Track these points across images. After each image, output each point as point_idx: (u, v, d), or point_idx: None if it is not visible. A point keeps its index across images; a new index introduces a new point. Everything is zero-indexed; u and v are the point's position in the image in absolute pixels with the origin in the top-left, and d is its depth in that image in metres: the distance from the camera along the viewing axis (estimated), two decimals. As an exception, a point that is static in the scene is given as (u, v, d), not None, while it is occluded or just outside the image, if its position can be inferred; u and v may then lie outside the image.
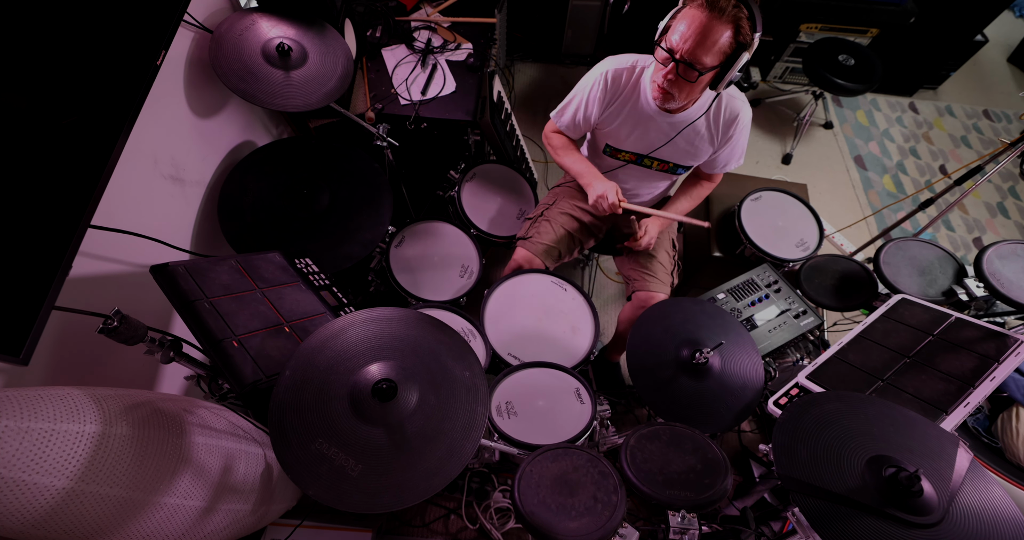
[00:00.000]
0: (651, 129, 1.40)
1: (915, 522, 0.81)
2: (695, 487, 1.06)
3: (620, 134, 1.44)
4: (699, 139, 1.41)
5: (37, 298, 0.84)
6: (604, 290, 2.35)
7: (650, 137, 1.42)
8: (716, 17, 1.09)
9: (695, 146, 1.42)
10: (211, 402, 1.13)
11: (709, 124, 1.38)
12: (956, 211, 2.84)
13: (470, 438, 0.88)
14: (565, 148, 1.54)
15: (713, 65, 1.15)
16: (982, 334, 1.23)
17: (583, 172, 1.48)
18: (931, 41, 2.96)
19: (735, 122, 1.37)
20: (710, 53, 1.13)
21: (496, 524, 1.42)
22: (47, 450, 0.73)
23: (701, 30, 1.11)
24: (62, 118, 0.90)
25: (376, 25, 1.92)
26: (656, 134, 1.40)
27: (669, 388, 1.26)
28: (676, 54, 1.15)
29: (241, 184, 1.53)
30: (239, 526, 1.09)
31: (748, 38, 1.13)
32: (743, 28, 1.11)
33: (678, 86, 1.22)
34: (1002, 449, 1.46)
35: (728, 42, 1.13)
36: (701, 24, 1.10)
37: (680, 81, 1.20)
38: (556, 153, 1.55)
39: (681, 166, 1.49)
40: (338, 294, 1.31)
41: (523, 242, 1.65)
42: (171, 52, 1.29)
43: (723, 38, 1.12)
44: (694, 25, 1.11)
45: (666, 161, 1.48)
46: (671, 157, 1.46)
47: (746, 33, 1.12)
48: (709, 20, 1.10)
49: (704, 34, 1.11)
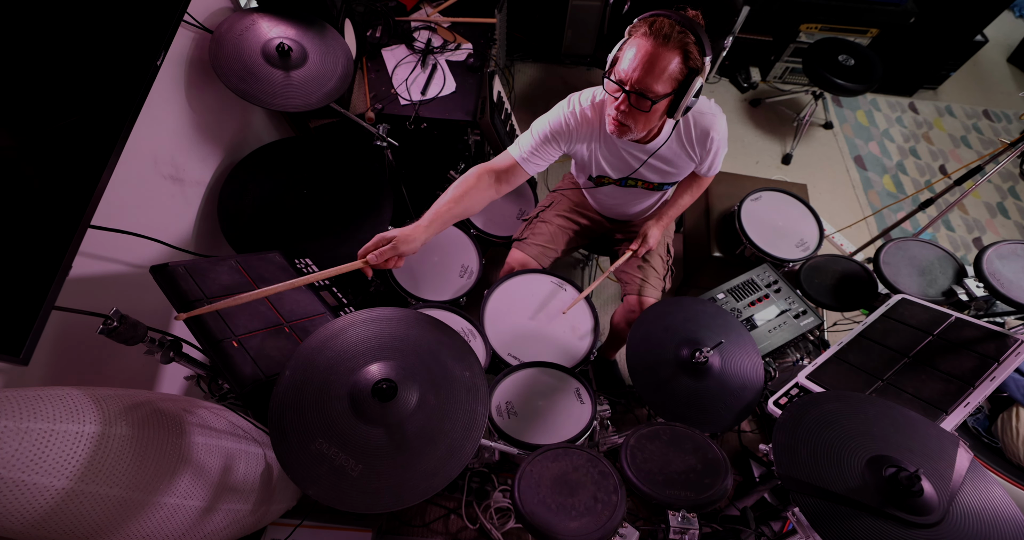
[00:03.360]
0: (625, 157, 1.39)
1: (915, 522, 0.81)
2: (695, 487, 1.06)
3: (597, 164, 1.44)
4: (677, 158, 1.39)
5: (37, 298, 0.84)
6: (604, 290, 2.35)
7: (626, 163, 1.41)
8: (662, 44, 1.07)
9: (675, 165, 1.41)
10: (211, 402, 1.13)
11: (683, 144, 1.36)
12: (956, 211, 2.84)
13: (470, 438, 0.88)
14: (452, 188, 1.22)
15: (665, 93, 1.12)
16: (982, 334, 1.23)
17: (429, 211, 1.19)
18: (931, 41, 2.96)
19: (708, 138, 1.34)
20: (660, 81, 1.10)
21: (496, 524, 1.42)
22: (47, 450, 0.73)
23: (648, 59, 1.08)
24: (62, 118, 0.90)
25: (376, 25, 1.92)
26: (632, 160, 1.40)
27: (669, 388, 1.26)
28: (626, 85, 1.13)
29: (241, 184, 1.53)
30: (239, 526, 1.09)
31: (698, 63, 1.10)
32: (691, 53, 1.09)
33: (632, 117, 1.18)
34: (1002, 449, 1.46)
35: (678, 68, 1.10)
36: (647, 52, 1.08)
37: (634, 111, 1.16)
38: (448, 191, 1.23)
39: (667, 184, 1.49)
40: (338, 294, 1.32)
41: (518, 243, 1.66)
42: (171, 52, 1.29)
43: (672, 65, 1.09)
44: (640, 54, 1.09)
45: (649, 181, 1.48)
46: (653, 178, 1.46)
47: (695, 58, 1.10)
48: (655, 48, 1.07)
49: (651, 62, 1.08)
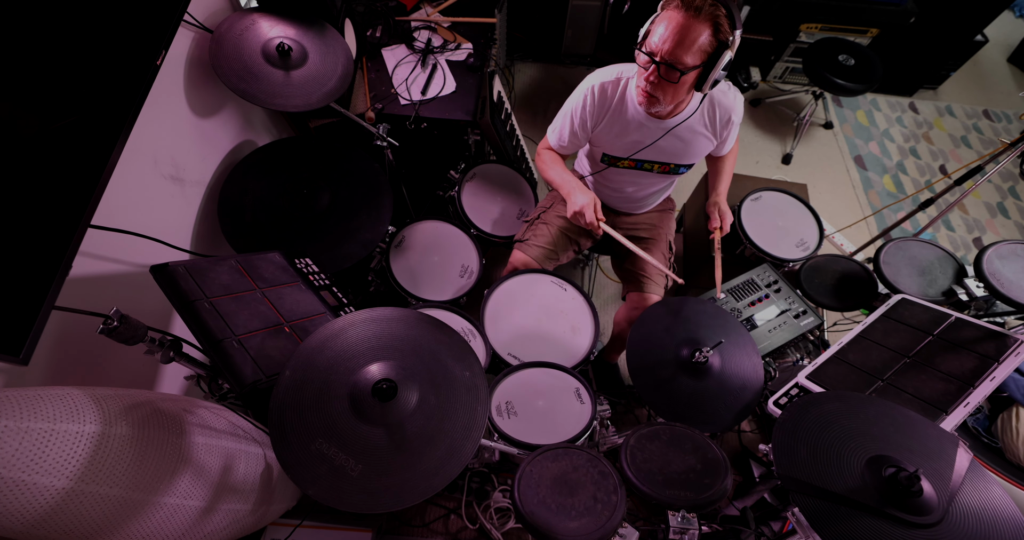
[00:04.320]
0: (645, 135, 1.40)
1: (915, 522, 0.81)
2: (695, 487, 1.06)
3: (615, 144, 1.45)
4: (695, 137, 1.41)
5: (37, 298, 0.84)
6: (604, 290, 2.35)
7: (645, 143, 1.42)
8: (693, 16, 1.10)
9: (693, 145, 1.43)
10: (211, 402, 1.13)
11: (705, 122, 1.39)
12: (956, 211, 2.84)
13: (470, 438, 0.88)
14: (552, 163, 1.53)
15: (694, 64, 1.15)
16: (982, 334, 1.23)
17: (563, 182, 1.48)
18: (931, 41, 2.96)
19: (729, 119, 1.40)
20: (690, 52, 1.13)
21: (496, 524, 1.42)
22: (47, 450, 0.73)
23: (679, 30, 1.11)
24: (63, 118, 0.90)
25: (376, 25, 1.92)
26: (651, 139, 1.41)
27: (669, 388, 1.26)
28: (656, 56, 1.16)
29: (241, 184, 1.53)
30: (239, 526, 1.09)
31: (728, 36, 1.13)
32: (722, 26, 1.11)
33: (662, 89, 1.22)
34: (1002, 449, 1.46)
35: (708, 41, 1.13)
36: (679, 24, 1.11)
37: (663, 83, 1.20)
38: (543, 168, 1.55)
39: (682, 165, 1.49)
40: (338, 294, 1.31)
41: (520, 245, 1.66)
42: (171, 52, 1.29)
43: (702, 37, 1.12)
44: (672, 26, 1.12)
45: (666, 163, 1.48)
46: (671, 158, 1.47)
47: (726, 31, 1.12)
48: (687, 20, 1.10)
49: (683, 34, 1.11)
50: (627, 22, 2.74)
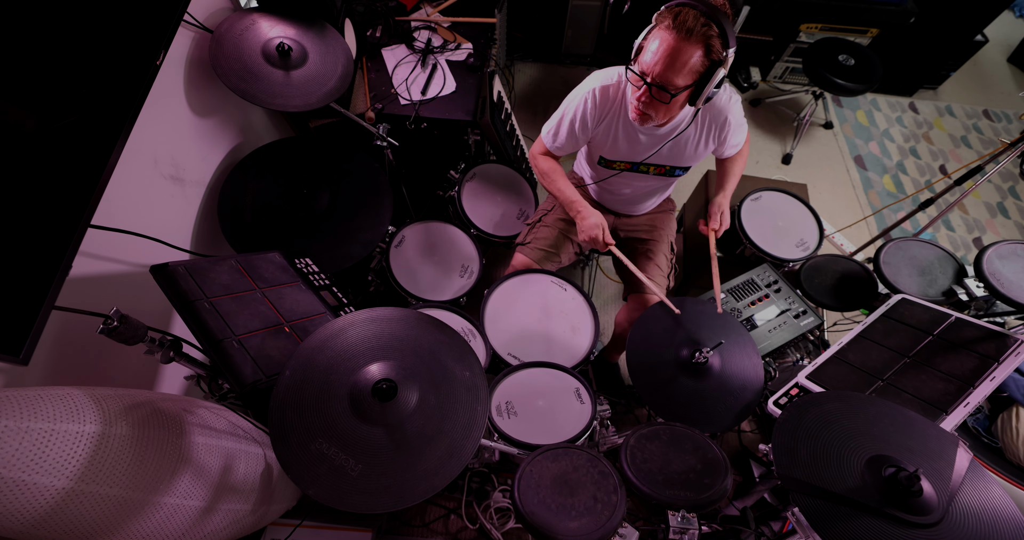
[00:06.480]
0: (642, 140, 1.40)
1: (915, 522, 0.81)
2: (695, 487, 1.06)
3: (613, 147, 1.45)
4: (692, 143, 1.41)
5: (37, 298, 0.84)
6: (604, 290, 2.35)
7: (642, 147, 1.42)
8: (684, 38, 1.08)
9: (690, 149, 1.43)
10: (211, 402, 1.13)
11: (699, 129, 1.39)
12: (956, 211, 2.84)
13: (470, 438, 0.88)
14: (553, 173, 1.51)
15: (686, 85, 1.15)
16: (982, 334, 1.23)
17: (568, 201, 1.47)
18: (931, 41, 2.96)
19: (726, 122, 1.38)
20: (681, 74, 1.12)
21: (496, 524, 1.42)
22: (47, 450, 0.73)
23: (670, 53, 1.10)
24: (63, 118, 0.90)
25: (376, 25, 1.92)
26: (648, 143, 1.41)
27: (669, 388, 1.26)
28: (648, 77, 1.15)
29: (241, 184, 1.53)
30: (239, 526, 1.09)
31: (720, 55, 1.11)
32: (714, 47, 1.10)
33: (654, 107, 1.21)
34: (1002, 449, 1.46)
35: (700, 62, 1.12)
36: (670, 46, 1.09)
37: (655, 102, 1.19)
38: (544, 178, 1.52)
39: (679, 168, 1.49)
40: (338, 294, 1.31)
41: (522, 247, 1.66)
42: (171, 52, 1.29)
43: (693, 59, 1.10)
44: (663, 48, 1.10)
45: (662, 165, 1.48)
46: (667, 161, 1.47)
47: (717, 51, 1.11)
48: (678, 42, 1.08)
49: (673, 56, 1.10)
50: (627, 22, 2.74)
